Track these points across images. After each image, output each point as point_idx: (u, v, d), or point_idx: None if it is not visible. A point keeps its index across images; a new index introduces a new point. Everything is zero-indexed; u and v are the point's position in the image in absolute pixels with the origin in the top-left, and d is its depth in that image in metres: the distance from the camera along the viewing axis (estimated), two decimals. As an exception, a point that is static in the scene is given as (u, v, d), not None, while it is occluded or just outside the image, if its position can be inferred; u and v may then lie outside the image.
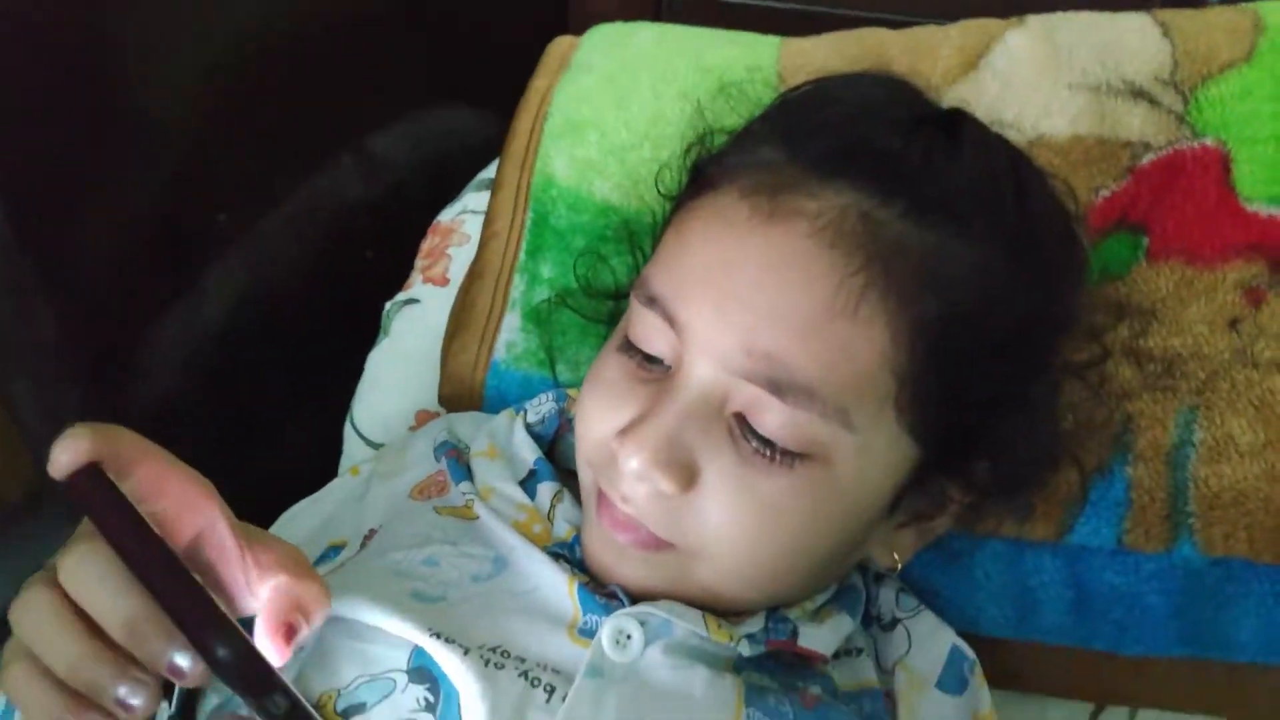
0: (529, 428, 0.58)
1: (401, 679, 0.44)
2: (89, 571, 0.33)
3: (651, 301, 0.47)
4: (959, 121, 0.49)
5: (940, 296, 0.44)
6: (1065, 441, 0.54)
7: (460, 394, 0.67)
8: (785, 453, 0.45)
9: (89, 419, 0.65)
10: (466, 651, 0.44)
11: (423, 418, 0.70)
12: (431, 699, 0.44)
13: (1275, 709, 0.56)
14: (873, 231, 0.44)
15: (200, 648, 0.28)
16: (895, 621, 0.56)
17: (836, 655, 0.53)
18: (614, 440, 0.46)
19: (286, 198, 0.73)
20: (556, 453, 0.59)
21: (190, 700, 0.44)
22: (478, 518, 0.53)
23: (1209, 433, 0.54)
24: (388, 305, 0.75)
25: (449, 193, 0.81)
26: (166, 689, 0.39)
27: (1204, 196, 0.58)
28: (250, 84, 0.68)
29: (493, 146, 0.77)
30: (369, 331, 0.75)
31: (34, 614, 0.34)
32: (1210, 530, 0.53)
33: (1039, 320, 0.48)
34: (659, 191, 0.58)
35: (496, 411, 0.61)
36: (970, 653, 0.54)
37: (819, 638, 0.51)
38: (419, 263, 0.76)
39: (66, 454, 0.33)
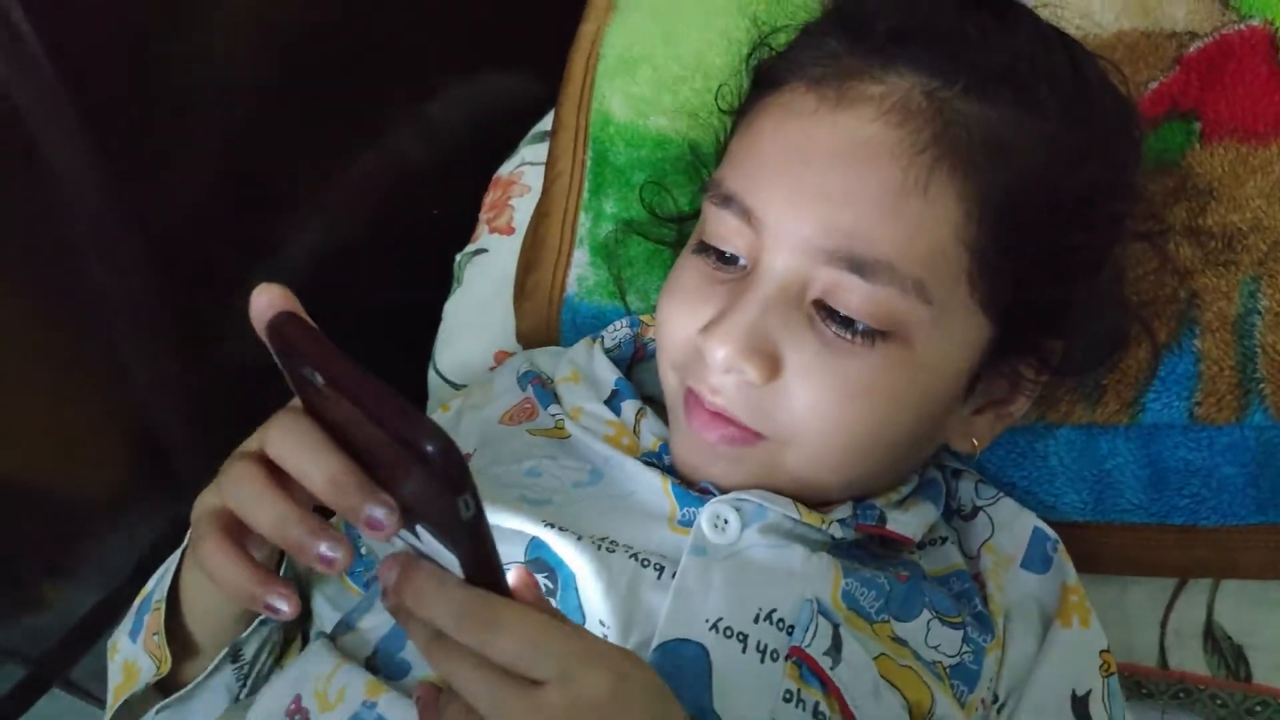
0: (607, 352, 0.61)
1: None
2: (294, 438, 0.37)
3: (726, 200, 0.49)
4: (1008, 3, 0.51)
5: (1006, 166, 0.46)
6: (1136, 313, 0.55)
7: (537, 328, 0.70)
8: (866, 333, 0.47)
9: (190, 378, 0.68)
10: (580, 538, 0.47)
11: (501, 357, 0.72)
12: (550, 585, 0.46)
13: (1356, 572, 0.57)
14: (937, 109, 0.46)
15: (412, 446, 0.31)
16: (976, 510, 0.58)
17: (921, 545, 0.55)
18: (698, 336, 0.49)
19: (355, 160, 0.76)
20: (634, 378, 0.61)
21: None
22: (569, 435, 0.55)
23: (1274, 299, 0.55)
24: (458, 256, 0.77)
25: (501, 151, 0.83)
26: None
27: (1254, 76, 0.59)
28: (315, 53, 0.70)
29: (538, 105, 0.80)
30: (441, 284, 0.78)
31: (244, 481, 0.38)
32: (1281, 394, 0.55)
33: (1103, 188, 0.49)
34: (719, 108, 0.60)
35: (572, 345, 0.64)
36: (1052, 533, 0.56)
37: (906, 523, 0.53)
38: (483, 216, 0.79)
39: (264, 297, 0.36)
